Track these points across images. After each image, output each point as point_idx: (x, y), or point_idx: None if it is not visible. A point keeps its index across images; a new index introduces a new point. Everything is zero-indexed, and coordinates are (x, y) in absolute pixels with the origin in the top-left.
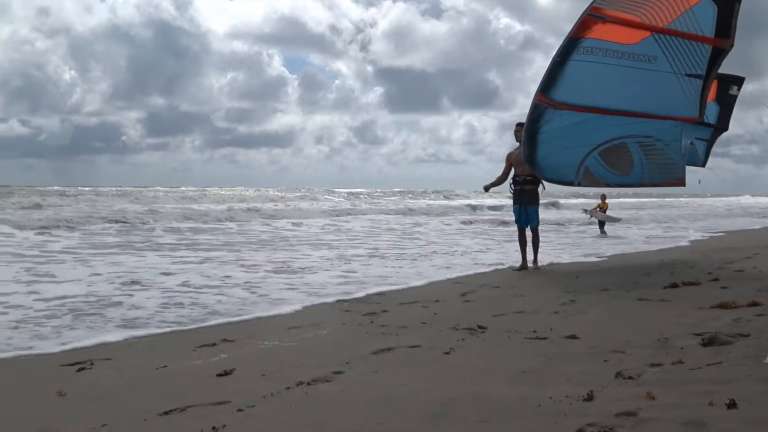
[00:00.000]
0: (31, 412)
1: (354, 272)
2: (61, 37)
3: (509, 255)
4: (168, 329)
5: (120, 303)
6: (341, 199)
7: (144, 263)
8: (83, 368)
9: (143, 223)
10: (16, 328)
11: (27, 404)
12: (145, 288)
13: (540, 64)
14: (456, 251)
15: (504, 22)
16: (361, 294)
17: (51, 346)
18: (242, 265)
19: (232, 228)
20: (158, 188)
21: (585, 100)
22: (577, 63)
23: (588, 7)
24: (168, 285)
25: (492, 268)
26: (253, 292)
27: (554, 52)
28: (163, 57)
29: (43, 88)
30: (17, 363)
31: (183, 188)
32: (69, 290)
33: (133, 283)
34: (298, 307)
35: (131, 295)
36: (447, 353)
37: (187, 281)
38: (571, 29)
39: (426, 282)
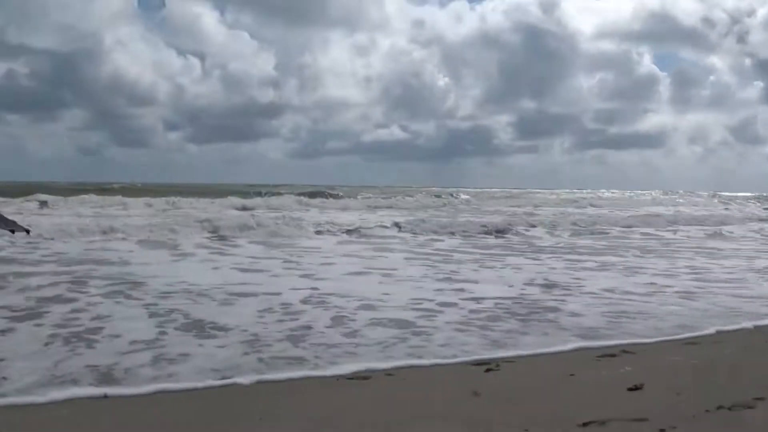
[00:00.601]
0: (454, 410)
1: None
2: (435, 47)
3: None
4: (630, 340)
5: (556, 309)
6: (729, 203)
7: (543, 266)
8: (490, 369)
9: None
10: (460, 330)
11: (450, 402)
12: (569, 292)
13: None
14: None
15: None
16: None
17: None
18: (659, 273)
19: (610, 232)
20: (534, 190)
21: None
22: None
23: None
24: (590, 289)
25: None
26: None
27: None
28: (531, 60)
29: (419, 95)
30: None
31: (557, 190)
32: (491, 291)
33: (552, 286)
34: None
35: (563, 300)
36: None
37: (611, 287)
38: None
39: None
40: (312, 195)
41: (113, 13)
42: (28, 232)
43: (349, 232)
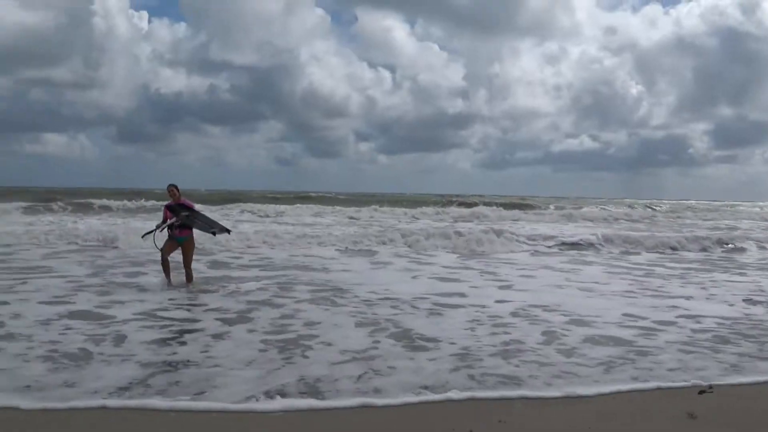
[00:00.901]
0: None
1: None
2: (627, 53)
3: None
4: None
5: None
6: None
7: (753, 283)
8: (704, 391)
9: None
10: (687, 352)
11: (662, 424)
12: None
13: None
14: None
15: None
16: None
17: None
18: None
19: None
20: (734, 202)
21: None
22: None
23: None
24: None
25: None
26: None
27: None
28: (730, 65)
29: (611, 103)
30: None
31: (760, 203)
32: (709, 310)
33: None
34: None
35: None
36: None
37: None
38: None
39: None
40: (504, 205)
41: (308, 29)
42: (229, 232)
43: (545, 243)
